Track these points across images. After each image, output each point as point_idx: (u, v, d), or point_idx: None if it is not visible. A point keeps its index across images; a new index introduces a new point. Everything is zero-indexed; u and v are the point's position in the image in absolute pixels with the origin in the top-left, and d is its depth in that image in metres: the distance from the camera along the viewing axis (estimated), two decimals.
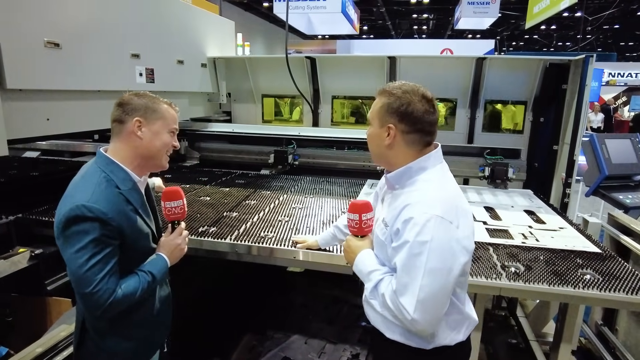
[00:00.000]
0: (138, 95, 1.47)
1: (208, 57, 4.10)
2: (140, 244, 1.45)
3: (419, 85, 1.32)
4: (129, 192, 1.41)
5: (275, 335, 3.00)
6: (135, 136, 1.42)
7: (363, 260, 1.37)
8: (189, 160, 4.20)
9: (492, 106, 3.94)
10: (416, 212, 1.19)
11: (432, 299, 1.17)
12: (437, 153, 1.33)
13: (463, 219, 1.23)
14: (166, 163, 1.54)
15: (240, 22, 17.51)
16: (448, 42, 16.59)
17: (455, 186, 1.32)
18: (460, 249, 1.19)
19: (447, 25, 20.37)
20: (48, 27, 2.35)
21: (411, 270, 1.17)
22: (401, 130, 1.28)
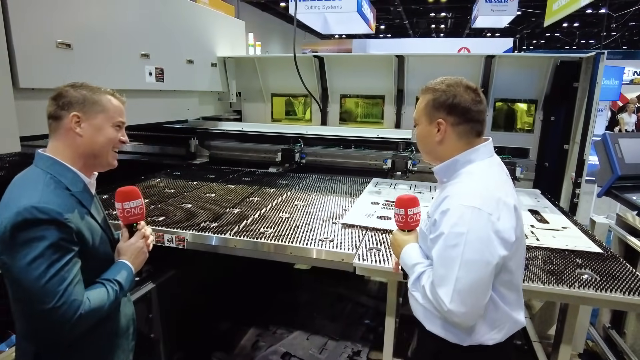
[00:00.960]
0: (75, 86, 1.32)
1: (218, 56, 4.16)
2: (101, 250, 1.32)
3: (461, 77, 1.34)
4: (81, 194, 1.28)
5: (278, 330, 3.04)
6: (74, 133, 1.27)
7: (408, 254, 1.40)
8: (199, 158, 4.29)
9: (501, 105, 3.89)
10: (453, 204, 1.20)
11: (469, 291, 1.16)
12: (487, 147, 1.33)
13: (505, 212, 1.20)
14: (114, 161, 1.39)
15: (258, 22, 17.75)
16: (465, 41, 16.37)
17: (501, 180, 1.29)
18: (499, 241, 1.17)
19: (465, 23, 20.11)
20: (60, 28, 2.43)
21: (447, 262, 1.18)
22: (451, 123, 1.29)
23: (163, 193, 2.92)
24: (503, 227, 1.18)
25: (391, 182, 3.34)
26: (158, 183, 3.26)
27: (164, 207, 2.61)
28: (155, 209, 2.56)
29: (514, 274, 1.27)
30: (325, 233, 2.18)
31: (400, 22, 20.89)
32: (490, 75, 3.69)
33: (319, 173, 3.71)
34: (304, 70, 4.09)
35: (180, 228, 2.23)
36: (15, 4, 2.16)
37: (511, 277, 1.27)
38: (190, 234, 2.19)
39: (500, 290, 1.26)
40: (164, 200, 2.75)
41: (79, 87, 1.32)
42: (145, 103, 3.25)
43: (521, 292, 1.35)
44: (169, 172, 3.64)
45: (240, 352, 2.83)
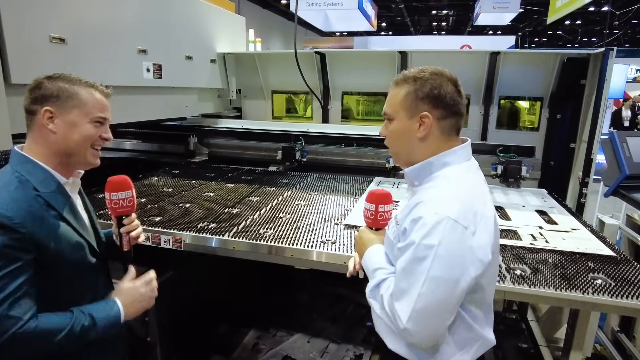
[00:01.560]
0: (52, 78, 1.22)
1: (217, 52, 4.08)
2: (69, 258, 1.19)
3: (438, 67, 1.20)
4: (52, 195, 1.17)
5: (278, 333, 2.97)
6: (47, 130, 1.17)
7: (371, 256, 1.27)
8: (198, 157, 4.21)
9: (506, 102, 3.82)
10: (426, 212, 1.06)
11: (430, 311, 1.04)
12: (465, 149, 1.20)
13: (482, 225, 1.07)
14: (94, 159, 1.28)
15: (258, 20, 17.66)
16: (467, 39, 16.29)
17: (480, 187, 1.17)
18: (473, 260, 1.05)
19: (466, 21, 20.01)
20: (53, 22, 2.36)
21: (411, 275, 1.05)
22: (437, 117, 1.15)
23: (160, 192, 2.85)
24: (479, 243, 1.06)
25: (394, 181, 3.27)
26: (156, 182, 3.18)
27: (161, 206, 2.54)
28: (152, 209, 2.49)
29: (485, 291, 1.16)
30: (327, 234, 2.10)
31: (401, 20, 20.77)
32: (495, 72, 3.62)
33: (320, 172, 3.63)
34: (305, 67, 4.01)
35: (178, 229, 2.16)
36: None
37: (483, 294, 1.16)
38: (187, 235, 2.12)
39: (471, 308, 1.14)
40: (162, 199, 2.68)
41: (55, 78, 1.22)
42: (142, 100, 3.17)
43: (491, 308, 1.24)
44: (167, 171, 3.57)
45: (239, 355, 2.77)
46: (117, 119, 2.97)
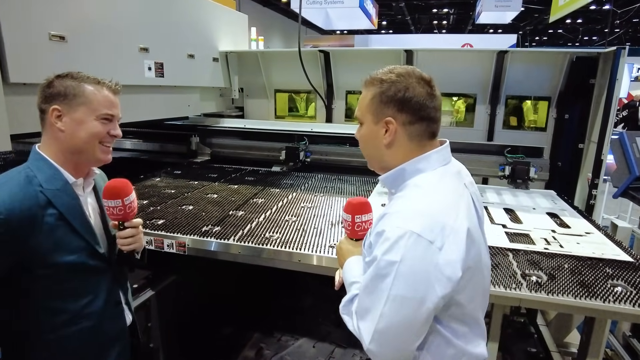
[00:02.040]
0: (60, 76, 1.24)
1: (220, 51, 4.02)
2: (63, 260, 1.16)
3: (410, 66, 1.10)
4: (55, 192, 1.17)
5: (283, 337, 2.91)
6: (56, 128, 1.19)
7: (350, 268, 1.19)
8: (200, 157, 4.16)
9: (513, 102, 3.76)
10: (390, 225, 0.98)
11: (394, 332, 0.96)
12: (440, 153, 1.08)
13: (451, 239, 0.96)
14: (104, 155, 1.27)
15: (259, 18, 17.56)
16: (468, 37, 16.22)
17: (454, 196, 1.05)
18: (439, 277, 0.94)
19: (467, 19, 19.92)
20: (53, 19, 2.30)
21: (373, 293, 0.97)
22: (402, 122, 1.05)
23: (163, 194, 2.79)
24: (446, 259, 0.95)
25: None
26: (158, 183, 3.13)
27: (164, 209, 2.48)
28: (155, 211, 2.43)
29: (466, 307, 1.04)
30: (335, 238, 2.05)
31: (402, 18, 20.69)
32: (502, 71, 3.56)
33: (324, 172, 3.58)
34: (309, 66, 3.95)
35: (181, 232, 2.10)
36: None
37: (463, 310, 1.04)
38: (191, 239, 2.06)
39: (449, 324, 1.04)
40: (164, 201, 2.62)
41: (63, 77, 1.23)
42: (144, 99, 3.11)
43: (480, 321, 1.13)
44: (169, 171, 3.51)
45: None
46: None
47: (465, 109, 4.29)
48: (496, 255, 1.90)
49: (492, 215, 2.46)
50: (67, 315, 1.20)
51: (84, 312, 1.23)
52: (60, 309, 1.19)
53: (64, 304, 1.20)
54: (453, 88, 3.91)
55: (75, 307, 1.21)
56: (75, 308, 1.21)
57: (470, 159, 3.33)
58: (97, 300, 1.26)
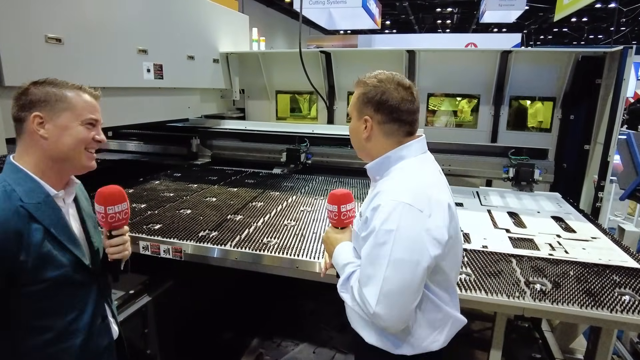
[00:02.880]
0: (38, 83, 1.17)
1: (220, 52, 3.99)
2: (49, 276, 1.11)
3: (396, 73, 1.26)
4: (37, 206, 1.11)
5: (283, 342, 2.88)
6: (38, 136, 1.13)
7: (340, 253, 1.31)
8: (201, 159, 4.12)
9: (517, 103, 3.70)
10: (384, 199, 1.13)
11: (397, 293, 1.09)
12: (419, 143, 1.26)
13: (437, 209, 1.13)
14: (90, 162, 1.23)
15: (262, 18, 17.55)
16: (472, 37, 16.10)
17: (433, 177, 1.23)
18: (430, 240, 1.10)
19: (471, 19, 19.81)
20: (50, 21, 2.27)
21: (375, 260, 1.10)
22: (377, 121, 1.22)
23: (161, 197, 2.76)
24: (435, 224, 1.12)
25: None
26: (157, 185, 3.09)
27: (162, 213, 2.45)
28: (152, 215, 2.40)
29: (448, 275, 1.22)
30: None
31: (406, 18, 20.60)
32: (506, 72, 3.51)
33: (325, 174, 3.53)
34: (310, 67, 3.92)
35: (178, 238, 2.07)
36: None
37: (446, 277, 1.21)
38: (187, 244, 2.02)
39: (435, 290, 1.21)
40: (162, 205, 2.59)
41: (42, 83, 1.17)
42: (142, 101, 3.08)
43: (456, 290, 1.31)
44: (169, 174, 3.48)
45: None
46: (117, 120, 2.93)
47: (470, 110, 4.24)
48: (499, 261, 1.85)
49: (495, 219, 2.40)
50: (54, 333, 1.16)
51: (71, 328, 1.19)
52: (47, 326, 1.15)
53: (51, 321, 1.15)
54: (456, 89, 3.86)
55: (62, 324, 1.17)
56: (62, 325, 1.17)
57: (474, 161, 3.29)
58: (84, 315, 1.22)
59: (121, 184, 3.18)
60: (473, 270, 1.77)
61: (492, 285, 1.63)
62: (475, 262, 1.85)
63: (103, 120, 3.12)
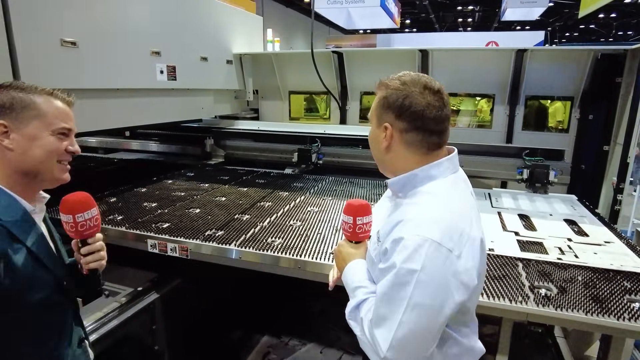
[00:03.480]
0: (2, 87, 1.05)
1: (234, 53, 4.03)
2: (31, 299, 1.03)
3: (423, 74, 1.10)
4: (16, 224, 1.01)
5: (291, 342, 2.89)
6: (3, 147, 1.02)
7: (352, 272, 1.19)
8: (215, 158, 4.18)
9: (533, 102, 3.61)
10: (408, 233, 0.98)
11: (413, 340, 0.96)
12: (452, 160, 1.10)
13: (468, 247, 1.00)
14: (62, 174, 1.11)
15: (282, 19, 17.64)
16: (494, 35, 15.78)
17: (467, 205, 1.08)
18: (458, 285, 0.97)
19: (493, 17, 19.43)
20: (65, 25, 2.34)
21: (392, 301, 0.97)
22: (398, 128, 1.07)
23: (172, 196, 2.81)
24: (464, 267, 0.98)
25: None
26: (170, 185, 3.15)
27: (171, 212, 2.49)
28: (162, 214, 2.45)
29: (470, 311, 1.10)
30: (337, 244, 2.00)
31: (426, 16, 20.38)
32: (521, 71, 3.43)
33: (336, 174, 3.53)
34: (323, 67, 3.92)
35: (185, 237, 2.10)
36: (17, 0, 2.07)
37: (467, 314, 1.10)
38: (193, 243, 2.06)
39: (458, 328, 1.09)
40: (172, 204, 2.64)
41: (6, 87, 1.05)
42: (156, 102, 3.14)
43: (476, 322, 1.18)
44: (182, 173, 3.54)
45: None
46: (132, 121, 3.01)
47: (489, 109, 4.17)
48: (505, 265, 1.81)
49: (505, 221, 2.36)
50: None
51: (53, 354, 1.11)
52: (26, 354, 1.05)
53: (31, 348, 1.06)
54: (470, 88, 3.79)
55: (43, 351, 1.08)
56: (42, 352, 1.09)
57: (487, 162, 3.23)
58: (63, 340, 1.14)
59: (135, 183, 3.26)
60: None
61: (496, 290, 1.60)
62: None
63: (120, 120, 3.16)
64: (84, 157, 4.43)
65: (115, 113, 2.78)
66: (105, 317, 1.91)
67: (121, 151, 4.64)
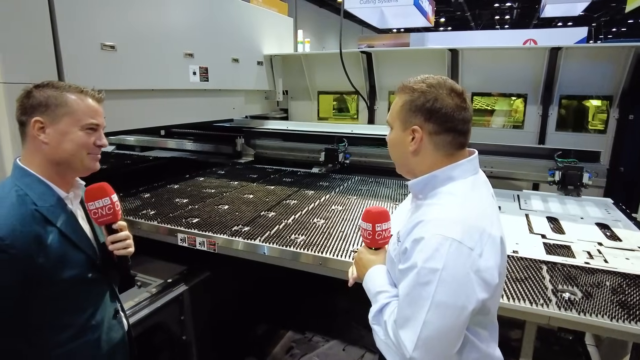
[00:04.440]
0: (40, 86, 1.17)
1: (264, 54, 4.12)
2: (65, 276, 1.15)
3: (445, 77, 1.12)
4: (51, 209, 1.14)
5: (314, 338, 2.94)
6: (39, 141, 1.14)
7: (372, 278, 1.21)
8: (245, 157, 4.28)
9: (568, 102, 3.50)
10: (428, 232, 0.99)
11: (437, 338, 0.97)
12: (472, 162, 1.11)
13: (489, 246, 1.01)
14: (94, 164, 1.24)
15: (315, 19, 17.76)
16: (532, 32, 15.25)
17: (487, 205, 1.09)
18: (480, 282, 0.98)
19: (532, 13, 18.79)
20: (105, 30, 2.49)
21: (415, 302, 0.98)
22: (429, 131, 1.08)
23: (203, 193, 2.92)
24: (485, 265, 0.99)
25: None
26: (201, 182, 3.27)
27: (201, 208, 2.59)
28: (192, 210, 2.55)
29: (489, 313, 1.10)
30: (359, 243, 2.03)
31: (461, 14, 19.96)
32: (555, 69, 3.33)
33: (363, 174, 3.55)
34: (352, 67, 3.95)
35: (212, 231, 2.19)
36: (62, 7, 2.22)
37: (487, 316, 1.09)
38: (221, 238, 2.14)
39: (477, 330, 1.09)
40: (203, 200, 2.74)
41: (43, 86, 1.17)
42: (189, 102, 3.27)
43: (496, 325, 1.18)
44: (213, 171, 3.66)
45: (273, 358, 2.76)
46: (165, 120, 3.14)
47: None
48: (528, 267, 1.78)
49: (532, 224, 2.30)
50: (73, 330, 1.20)
51: (89, 324, 1.23)
52: (66, 324, 1.19)
53: (70, 318, 1.20)
54: (501, 88, 3.72)
55: (79, 321, 1.22)
56: (80, 322, 1.22)
57: (518, 163, 3.15)
58: (99, 311, 1.27)
59: (169, 180, 3.38)
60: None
61: (517, 292, 1.58)
62: None
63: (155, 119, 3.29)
64: (121, 154, 4.66)
65: (151, 113, 2.92)
66: (136, 305, 2.02)
67: (156, 149, 4.84)
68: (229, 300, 2.67)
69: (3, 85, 1.95)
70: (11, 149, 2.01)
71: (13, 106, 1.21)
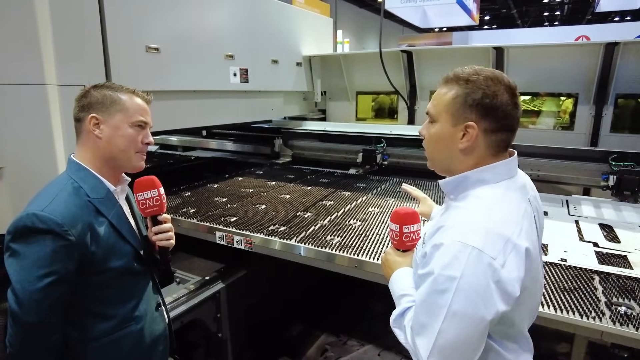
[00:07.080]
0: (97, 86, 1.27)
1: (303, 55, 4.14)
2: (115, 263, 1.23)
3: (495, 70, 1.03)
4: (101, 201, 1.23)
5: (349, 341, 2.90)
6: (94, 136, 1.23)
7: (397, 280, 1.18)
8: (282, 158, 4.32)
9: (626, 102, 3.26)
10: (448, 238, 0.94)
11: (453, 348, 0.92)
12: (509, 164, 1.03)
13: (512, 257, 0.92)
14: (139, 163, 1.32)
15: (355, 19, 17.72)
16: (584, 29, 14.44)
17: (518, 212, 1.00)
18: (500, 293, 0.90)
19: (585, 8, 17.77)
20: (149, 33, 2.57)
21: (431, 309, 0.94)
22: (484, 129, 0.99)
23: (241, 193, 2.96)
24: (507, 277, 0.91)
25: None
26: (240, 182, 3.32)
27: (239, 207, 2.63)
28: (231, 209, 2.59)
29: (515, 325, 1.01)
30: None
31: (507, 12, 19.23)
32: (611, 67, 3.12)
33: (401, 176, 3.48)
34: (391, 67, 3.89)
35: (250, 230, 2.21)
36: (111, 10, 2.32)
37: (512, 327, 1.01)
38: (257, 237, 2.15)
39: (501, 341, 1.01)
40: (241, 199, 2.78)
41: (100, 87, 1.27)
42: (229, 103, 3.33)
43: (529, 340, 1.10)
44: (252, 171, 3.71)
45: (307, 358, 2.76)
46: (207, 121, 3.22)
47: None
48: (578, 277, 1.67)
49: (582, 231, 2.16)
50: (118, 319, 1.26)
51: (132, 315, 1.29)
52: (112, 313, 1.25)
53: (115, 308, 1.26)
54: (550, 87, 3.53)
55: (123, 311, 1.28)
56: (124, 312, 1.27)
57: (567, 166, 2.97)
58: (142, 303, 1.33)
59: (209, 179, 3.46)
60: (545, 284, 1.62)
61: (565, 303, 1.48)
62: (548, 276, 1.69)
63: (196, 120, 3.37)
64: (164, 154, 4.83)
65: (192, 113, 2.99)
66: (175, 301, 2.07)
67: (198, 149, 4.98)
68: (265, 299, 2.69)
69: (58, 87, 2.05)
70: (63, 147, 2.11)
71: (66, 107, 1.29)
